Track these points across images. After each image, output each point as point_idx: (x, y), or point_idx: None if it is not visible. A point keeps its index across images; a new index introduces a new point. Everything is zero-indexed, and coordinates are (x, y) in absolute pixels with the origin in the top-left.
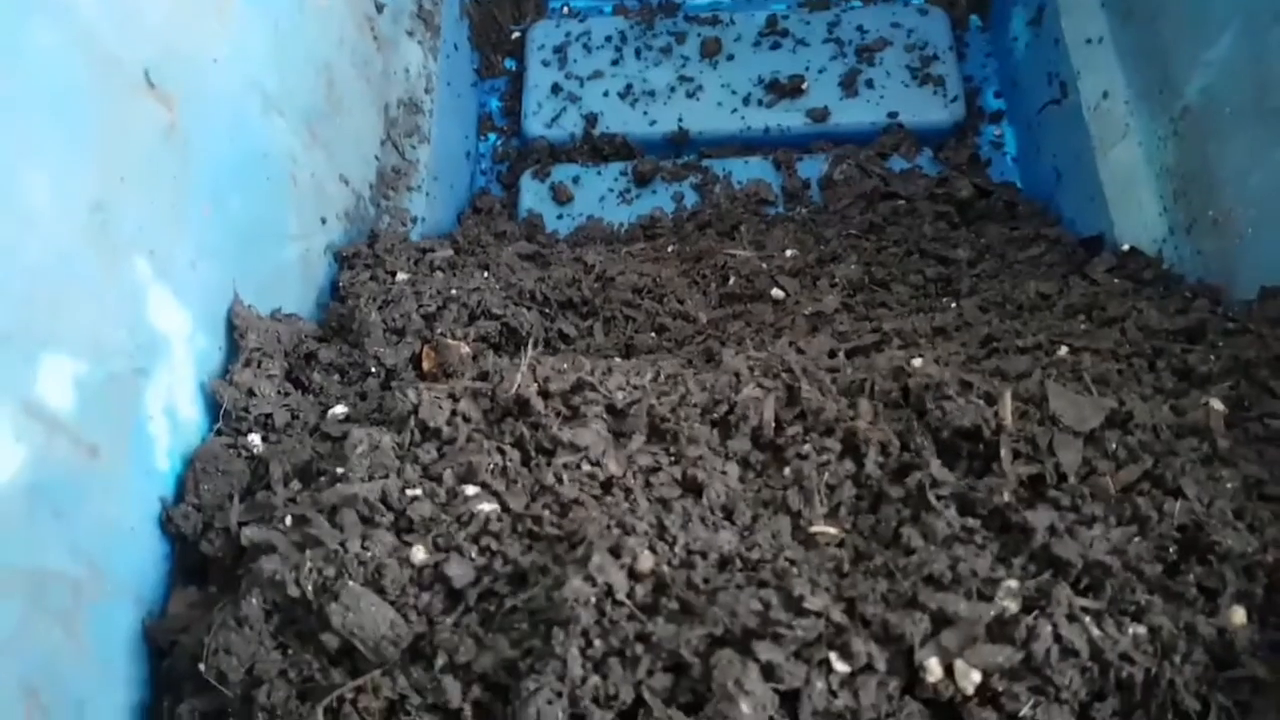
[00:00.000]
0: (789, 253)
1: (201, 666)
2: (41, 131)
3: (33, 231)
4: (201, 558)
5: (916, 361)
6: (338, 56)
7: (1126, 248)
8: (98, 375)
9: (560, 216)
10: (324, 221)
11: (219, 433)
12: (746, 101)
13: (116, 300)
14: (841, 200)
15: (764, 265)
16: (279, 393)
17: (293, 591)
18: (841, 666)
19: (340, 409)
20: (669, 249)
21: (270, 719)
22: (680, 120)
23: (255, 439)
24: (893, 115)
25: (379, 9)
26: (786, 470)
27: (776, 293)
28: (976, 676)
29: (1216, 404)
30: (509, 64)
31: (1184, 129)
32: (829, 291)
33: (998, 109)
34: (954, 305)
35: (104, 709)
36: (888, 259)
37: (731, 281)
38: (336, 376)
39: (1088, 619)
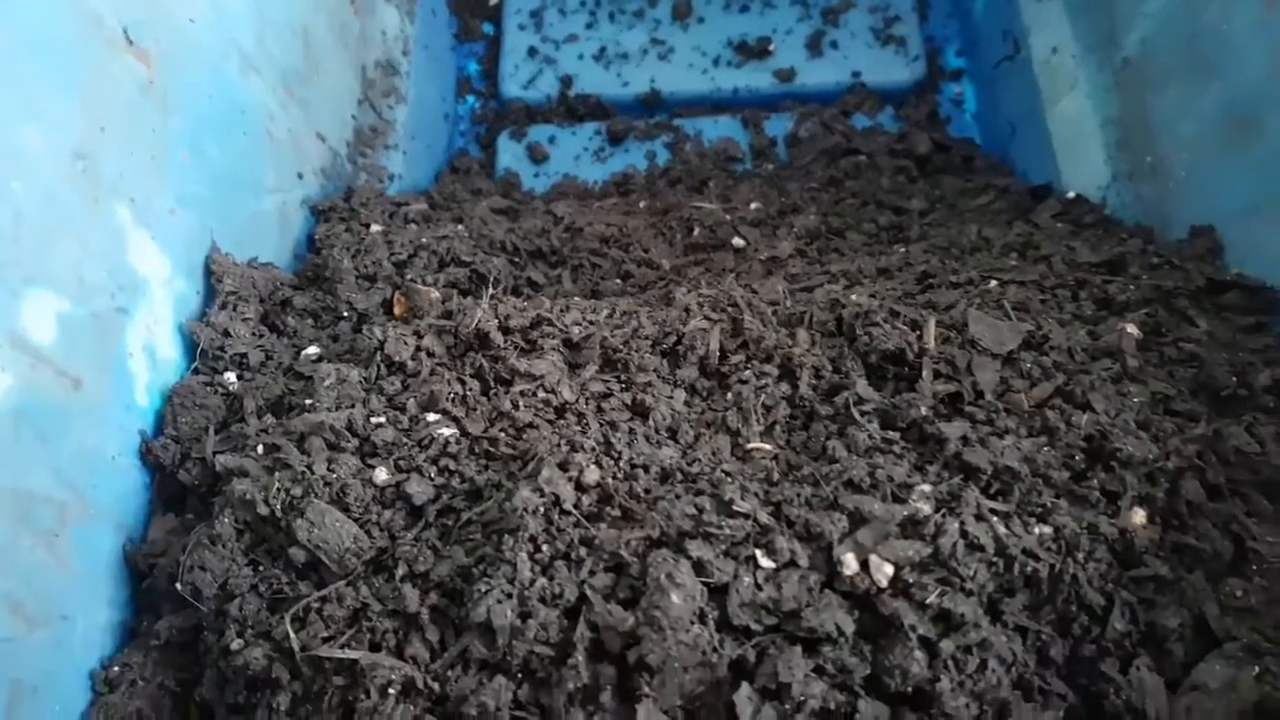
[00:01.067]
0: (753, 205)
1: (178, 585)
2: (27, 82)
3: (19, 175)
4: (180, 487)
5: (853, 295)
6: (315, 19)
7: (1072, 194)
8: (80, 312)
9: (537, 175)
10: (300, 176)
11: (196, 371)
12: (716, 63)
13: (98, 242)
14: (806, 156)
15: (728, 217)
16: (254, 334)
17: (262, 510)
18: (767, 562)
19: (313, 350)
20: (640, 204)
21: (242, 630)
22: (652, 81)
23: (231, 377)
24: (856, 75)
25: None
26: (729, 395)
27: (738, 241)
28: (889, 570)
29: (1131, 328)
30: (487, 28)
31: (1125, 80)
32: (787, 239)
33: (958, 67)
34: (903, 250)
35: (89, 627)
36: (845, 209)
37: (696, 232)
38: (310, 321)
39: (995, 519)
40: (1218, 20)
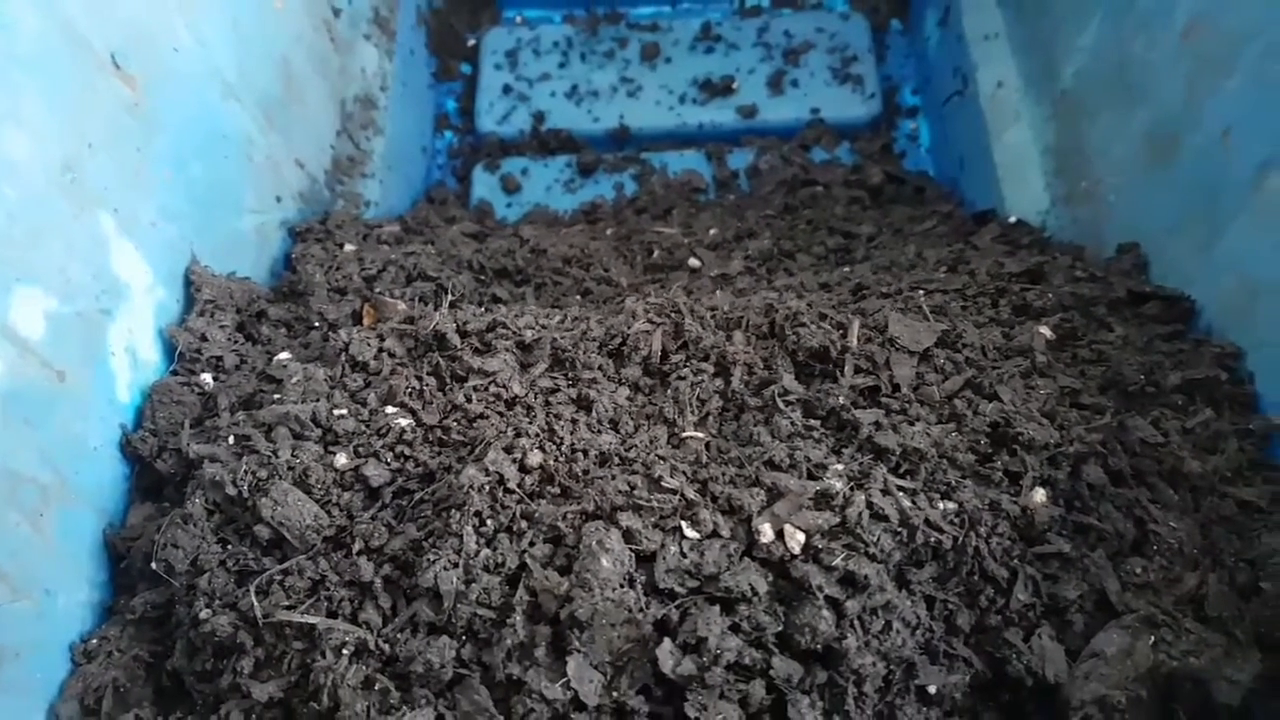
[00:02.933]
0: (712, 230)
1: (153, 563)
2: (21, 97)
3: (11, 181)
4: (158, 478)
5: (786, 301)
6: (295, 53)
7: (1013, 219)
8: (66, 311)
9: (509, 205)
10: (279, 199)
11: (175, 372)
12: (682, 100)
13: (84, 248)
14: (765, 187)
15: (686, 240)
16: (230, 340)
17: (230, 491)
18: (692, 533)
19: (285, 355)
20: (607, 231)
21: (210, 602)
22: (622, 117)
23: (206, 377)
24: (815, 111)
25: (336, 13)
26: (669, 390)
27: (694, 262)
28: (801, 538)
29: (1044, 329)
30: (465, 68)
31: (1062, 110)
32: (738, 259)
33: (914, 104)
34: (847, 269)
35: (69, 603)
36: (797, 234)
37: (656, 254)
38: (284, 330)
39: (901, 494)
40: (1143, 50)
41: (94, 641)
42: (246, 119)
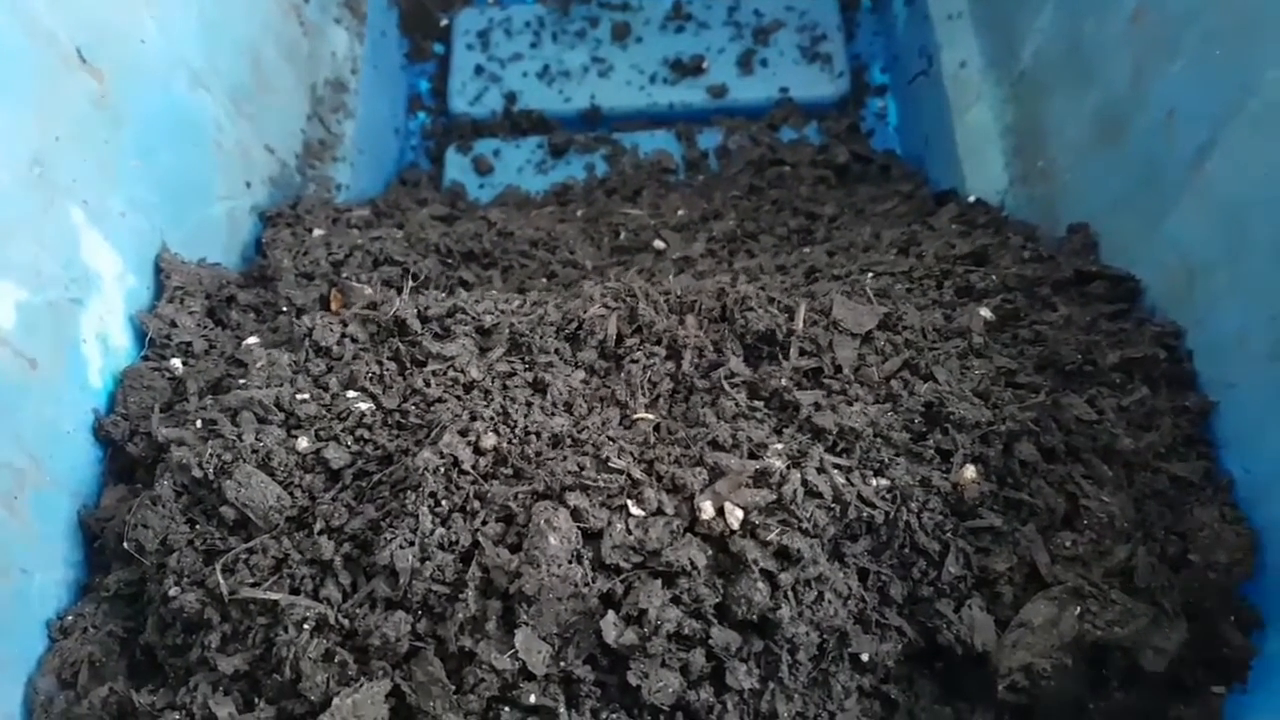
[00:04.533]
0: (679, 212)
1: (125, 543)
2: None
3: None
4: (130, 460)
5: (737, 284)
6: (263, 40)
7: (972, 199)
8: (36, 301)
9: (481, 186)
10: (249, 185)
11: (145, 358)
12: (653, 80)
13: (54, 240)
14: (734, 167)
15: (652, 222)
16: (199, 325)
17: (197, 474)
18: (637, 511)
19: (253, 340)
20: (577, 213)
21: (179, 579)
22: (593, 97)
23: (176, 363)
24: (784, 91)
25: None
26: (622, 374)
27: (659, 244)
28: (740, 514)
29: (984, 311)
30: (438, 49)
31: (1020, 90)
32: (701, 241)
33: (882, 84)
34: (807, 250)
35: (46, 582)
36: (761, 215)
37: (622, 236)
38: (252, 315)
39: (835, 471)
40: (1094, 32)
41: (69, 618)
42: (215, 107)
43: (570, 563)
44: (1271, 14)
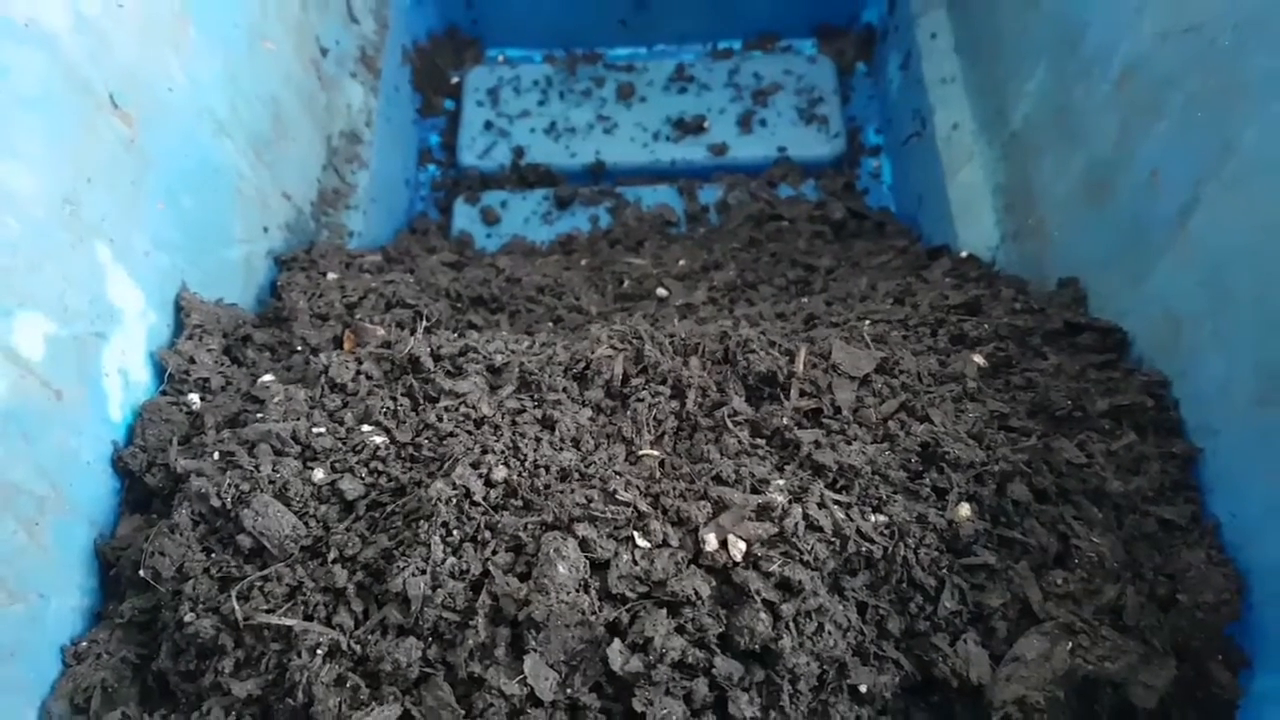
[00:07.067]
0: (681, 262)
1: (141, 570)
2: (25, 134)
3: (14, 213)
4: (146, 491)
5: (740, 328)
6: (284, 91)
7: (964, 254)
8: (64, 334)
9: (489, 235)
10: (266, 230)
11: (164, 392)
12: (656, 137)
13: (81, 276)
14: (733, 221)
15: (655, 271)
16: (216, 363)
17: (214, 503)
18: (643, 542)
19: (268, 377)
20: (581, 261)
21: (194, 606)
22: (598, 153)
23: (194, 397)
24: (782, 149)
25: (323, 53)
26: (628, 412)
27: (661, 292)
28: (743, 546)
29: (977, 357)
30: (449, 104)
31: (1011, 151)
32: (703, 290)
33: (877, 144)
34: (805, 300)
35: (62, 608)
36: (761, 266)
37: (626, 284)
38: (268, 353)
39: (835, 507)
40: (1082, 95)
41: (84, 644)
42: (236, 154)
43: (578, 591)
44: (1249, 77)
